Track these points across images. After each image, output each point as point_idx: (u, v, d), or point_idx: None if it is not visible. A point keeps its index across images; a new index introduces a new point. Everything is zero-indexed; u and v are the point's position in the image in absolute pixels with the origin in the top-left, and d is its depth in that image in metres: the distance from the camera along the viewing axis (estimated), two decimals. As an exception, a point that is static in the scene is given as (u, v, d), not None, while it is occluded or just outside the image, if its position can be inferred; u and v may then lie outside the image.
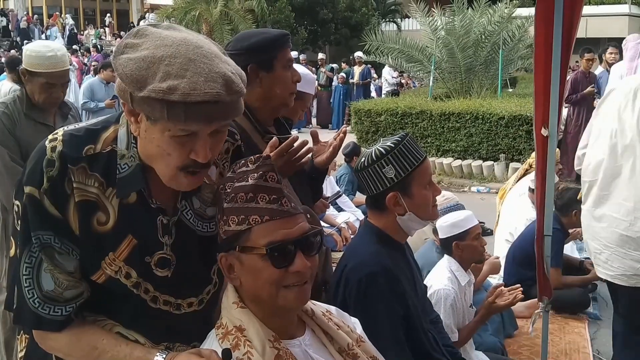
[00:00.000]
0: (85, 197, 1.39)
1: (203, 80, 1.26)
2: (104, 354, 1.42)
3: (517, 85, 16.20)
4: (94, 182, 1.40)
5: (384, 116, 11.10)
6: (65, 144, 1.40)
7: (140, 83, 1.26)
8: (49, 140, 1.41)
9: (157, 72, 1.26)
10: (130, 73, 1.27)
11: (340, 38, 25.80)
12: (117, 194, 1.41)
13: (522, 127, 9.54)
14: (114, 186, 1.41)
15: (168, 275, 1.49)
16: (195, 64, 1.28)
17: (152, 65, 1.27)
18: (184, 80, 1.25)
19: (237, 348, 1.39)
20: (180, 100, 1.24)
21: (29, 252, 1.39)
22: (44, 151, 1.39)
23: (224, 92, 1.28)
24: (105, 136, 1.44)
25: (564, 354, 4.14)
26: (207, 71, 1.28)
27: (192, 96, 1.24)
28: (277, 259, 1.39)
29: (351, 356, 1.54)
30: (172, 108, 1.25)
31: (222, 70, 1.31)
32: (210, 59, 1.32)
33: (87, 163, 1.40)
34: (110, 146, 1.43)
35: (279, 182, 1.44)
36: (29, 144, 3.00)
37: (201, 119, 1.29)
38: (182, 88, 1.24)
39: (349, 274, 2.06)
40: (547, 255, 2.95)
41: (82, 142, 1.41)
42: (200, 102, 1.26)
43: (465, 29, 13.01)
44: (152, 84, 1.25)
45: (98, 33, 28.12)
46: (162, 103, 1.25)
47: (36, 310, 1.41)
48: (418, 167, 2.09)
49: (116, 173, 1.41)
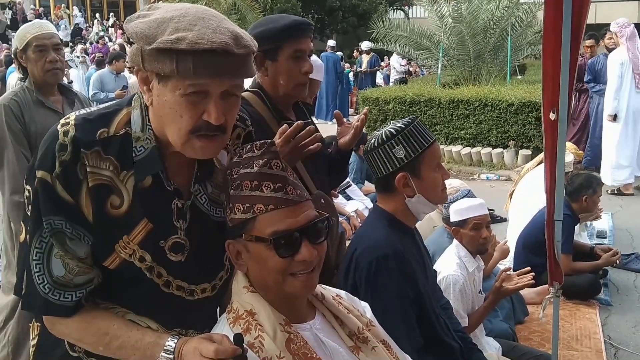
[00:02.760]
0: (99, 181, 1.39)
1: (211, 32, 1.28)
2: (115, 340, 1.42)
3: (526, 72, 16.06)
4: (108, 165, 1.39)
5: (392, 104, 11.04)
6: (78, 128, 1.39)
7: (150, 38, 1.28)
8: (61, 125, 1.40)
9: (167, 28, 1.28)
10: (140, 30, 1.30)
11: (347, 26, 25.68)
12: (135, 177, 1.41)
13: (531, 113, 9.48)
14: (128, 169, 1.41)
15: (182, 260, 1.49)
16: (204, 21, 1.30)
17: (161, 24, 1.29)
18: (192, 32, 1.27)
19: (249, 332, 1.40)
20: (188, 49, 1.25)
21: (40, 238, 1.39)
22: (56, 135, 1.39)
23: (232, 44, 1.28)
24: (118, 119, 1.43)
25: (575, 340, 4.13)
26: (215, 26, 1.30)
27: (200, 44, 1.25)
28: (283, 248, 1.39)
29: (361, 340, 1.54)
30: (180, 60, 1.26)
31: (231, 27, 1.33)
32: (219, 19, 1.34)
33: (101, 147, 1.39)
34: (124, 129, 1.42)
35: (284, 170, 1.44)
36: (38, 132, 3.01)
37: (210, 72, 1.28)
38: (190, 37, 1.26)
39: (359, 258, 2.06)
40: (558, 240, 2.92)
41: (95, 126, 1.41)
42: (208, 52, 1.26)
43: (473, 15, 12.90)
44: (161, 37, 1.27)
45: (105, 28, 28.11)
46: (171, 55, 1.26)
47: (46, 296, 1.41)
48: (428, 148, 2.09)
49: (132, 156, 1.41)
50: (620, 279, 5.22)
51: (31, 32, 3.08)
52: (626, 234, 6.38)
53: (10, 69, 10.86)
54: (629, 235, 6.32)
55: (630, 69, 7.83)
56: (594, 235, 6.12)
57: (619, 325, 4.44)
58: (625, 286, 5.11)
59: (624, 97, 7.90)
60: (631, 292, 5.00)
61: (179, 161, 1.44)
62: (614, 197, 7.81)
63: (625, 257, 5.41)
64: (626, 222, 6.70)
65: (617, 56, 7.92)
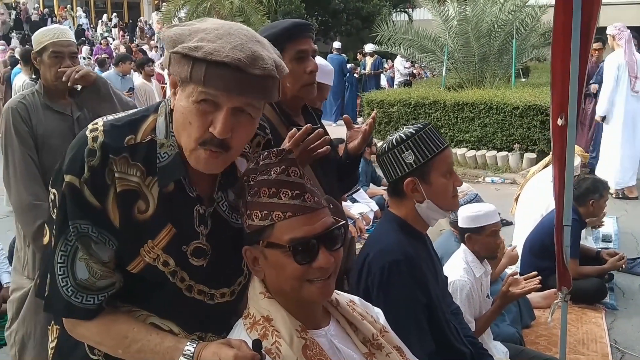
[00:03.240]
0: (127, 187, 1.41)
1: (230, 47, 1.29)
2: (135, 343, 1.43)
3: (530, 75, 16.06)
4: (135, 171, 1.41)
5: (396, 107, 11.04)
6: (107, 134, 1.41)
7: (175, 43, 1.31)
8: (90, 130, 1.42)
9: (194, 37, 1.31)
10: (172, 35, 1.33)
11: (351, 29, 25.68)
12: (159, 183, 1.42)
13: (536, 117, 9.47)
14: (153, 175, 1.43)
15: (203, 265, 1.50)
16: (231, 37, 1.31)
17: (193, 33, 1.33)
18: (212, 44, 1.29)
19: (265, 338, 1.41)
20: (202, 58, 1.27)
21: (65, 241, 1.41)
22: (85, 141, 1.40)
23: (247, 63, 1.28)
24: (145, 126, 1.45)
25: (582, 344, 4.14)
26: (238, 43, 1.31)
27: (214, 56, 1.27)
28: (300, 255, 1.40)
29: (375, 346, 1.55)
30: (195, 67, 1.29)
31: (255, 48, 1.32)
32: (248, 38, 1.34)
33: (128, 153, 1.41)
34: (149, 136, 1.44)
35: (302, 177, 1.45)
36: (46, 135, 3.03)
37: (219, 85, 1.29)
38: (207, 48, 1.28)
39: (371, 263, 2.07)
40: (567, 246, 2.93)
41: (123, 133, 1.43)
42: (221, 65, 1.27)
43: (477, 17, 12.91)
44: (184, 43, 1.30)
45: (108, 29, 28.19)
46: (188, 61, 1.29)
47: (69, 299, 1.42)
48: (438, 154, 2.10)
49: (156, 162, 1.43)
50: (626, 283, 5.23)
51: (49, 37, 3.09)
52: (631, 237, 6.39)
53: (16, 70, 10.88)
54: (634, 239, 6.33)
55: (627, 72, 7.87)
56: (599, 239, 6.12)
57: (625, 329, 4.45)
58: (631, 290, 5.12)
59: (621, 100, 7.99)
60: (637, 296, 5.00)
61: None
62: (619, 200, 7.81)
63: (631, 261, 5.41)
64: (631, 226, 6.71)
65: (614, 59, 7.98)
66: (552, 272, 3.19)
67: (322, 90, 2.98)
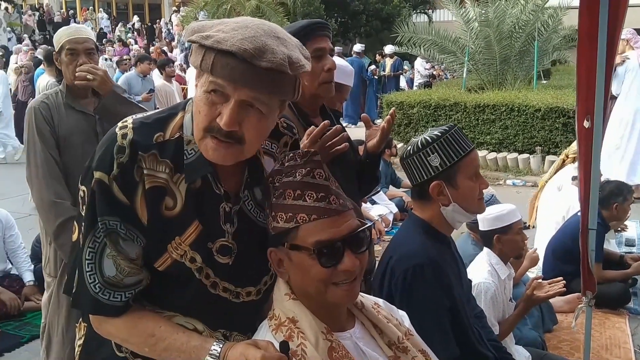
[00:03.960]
0: (156, 183, 1.41)
1: (240, 38, 1.28)
2: (161, 341, 1.44)
3: (552, 77, 15.91)
4: (164, 168, 1.42)
5: (416, 108, 10.99)
6: (136, 131, 1.42)
7: (194, 31, 1.32)
8: (119, 128, 1.44)
9: (212, 28, 1.32)
10: (194, 25, 1.35)
11: (370, 30, 25.61)
12: (185, 179, 1.43)
13: (558, 119, 9.38)
14: (181, 172, 1.43)
15: (229, 262, 1.50)
16: (246, 29, 1.31)
17: (215, 25, 1.34)
18: (225, 34, 1.29)
19: (291, 340, 1.40)
20: (210, 46, 1.28)
21: (93, 237, 1.42)
22: (114, 138, 1.42)
23: (253, 54, 1.27)
24: (173, 123, 1.46)
25: (605, 349, 4.09)
26: (250, 35, 1.29)
27: (221, 44, 1.27)
28: (325, 258, 1.39)
29: (401, 349, 1.54)
30: (205, 55, 1.30)
31: (268, 42, 1.30)
32: (266, 33, 1.32)
33: (157, 150, 1.42)
34: (177, 133, 1.45)
35: (327, 179, 1.44)
36: (68, 134, 3.07)
37: (226, 75, 1.29)
38: (217, 37, 1.28)
39: (395, 266, 2.06)
40: (592, 250, 2.90)
41: (152, 130, 1.44)
42: (227, 55, 1.27)
43: (499, 19, 12.82)
44: (202, 32, 1.31)
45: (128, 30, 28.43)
46: (201, 49, 1.31)
47: (96, 295, 1.43)
48: (464, 157, 2.07)
49: (183, 159, 1.43)
50: (650, 288, 5.15)
51: (66, 35, 3.13)
52: (655, 241, 6.27)
53: (39, 71, 11.02)
54: (659, 244, 6.21)
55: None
56: (622, 243, 6.04)
57: (649, 335, 4.38)
58: (655, 295, 5.04)
59: (633, 102, 8.03)
60: (662, 302, 4.92)
61: (229, 165, 1.45)
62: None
63: (655, 265, 5.32)
64: (655, 230, 6.58)
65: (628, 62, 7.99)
66: (576, 276, 3.16)
67: (342, 91, 2.97)
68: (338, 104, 3.07)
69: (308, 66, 1.37)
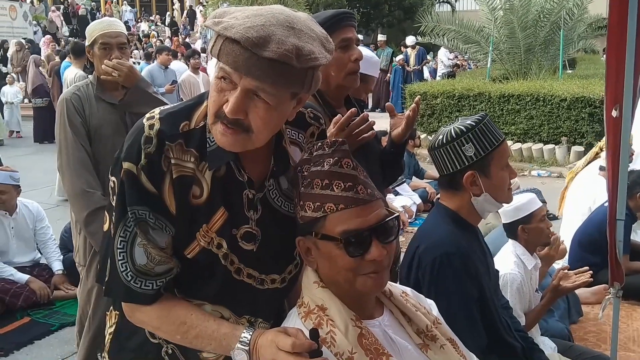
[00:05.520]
0: (183, 173, 1.43)
1: (246, 26, 1.27)
2: (192, 329, 1.46)
3: (577, 67, 15.71)
4: (190, 157, 1.44)
5: (440, 99, 10.94)
6: (163, 121, 1.44)
7: (214, 17, 1.34)
8: (147, 119, 1.46)
9: (231, 14, 1.33)
10: (217, 11, 1.36)
11: (393, 20, 25.49)
12: (209, 167, 1.45)
13: (585, 109, 9.27)
14: (205, 160, 1.45)
15: (253, 249, 1.51)
16: (257, 17, 1.30)
17: (235, 11, 1.34)
18: (235, 21, 1.29)
19: (320, 327, 1.41)
20: (218, 32, 1.30)
21: (124, 226, 1.44)
22: (142, 129, 1.44)
23: (256, 42, 1.25)
24: (198, 112, 1.48)
25: (632, 341, 4.04)
26: (258, 24, 1.28)
27: (227, 31, 1.27)
28: (352, 248, 1.40)
29: (430, 337, 1.55)
30: (217, 41, 1.32)
31: (278, 32, 1.28)
32: (279, 22, 1.31)
33: (183, 139, 1.44)
34: (202, 122, 1.47)
35: (355, 169, 1.44)
36: (98, 126, 3.13)
37: (229, 61, 1.29)
38: (225, 23, 1.29)
39: (422, 255, 2.06)
40: (620, 240, 2.87)
41: (178, 120, 1.46)
42: (232, 42, 1.27)
43: (524, 7, 12.67)
44: (219, 18, 1.32)
45: (154, 22, 28.59)
46: (215, 35, 1.33)
47: (128, 284, 1.45)
48: (498, 147, 2.07)
49: (206, 147, 1.45)
50: (678, 279, 5.07)
51: (99, 29, 3.18)
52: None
53: (65, 64, 11.13)
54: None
55: None
56: (648, 234, 5.96)
57: (677, 327, 4.32)
58: (684, 287, 4.96)
59: None
60: (690, 293, 4.84)
61: (254, 153, 1.46)
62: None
63: (683, 256, 5.24)
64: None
65: None
66: (602, 267, 3.13)
67: (368, 81, 2.97)
68: (363, 95, 3.07)
69: (324, 59, 1.34)
